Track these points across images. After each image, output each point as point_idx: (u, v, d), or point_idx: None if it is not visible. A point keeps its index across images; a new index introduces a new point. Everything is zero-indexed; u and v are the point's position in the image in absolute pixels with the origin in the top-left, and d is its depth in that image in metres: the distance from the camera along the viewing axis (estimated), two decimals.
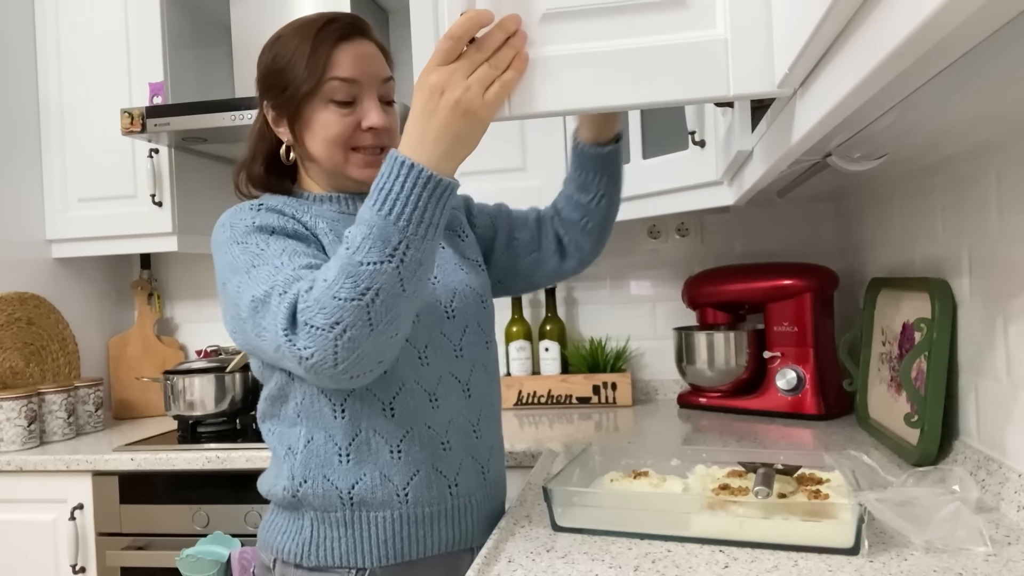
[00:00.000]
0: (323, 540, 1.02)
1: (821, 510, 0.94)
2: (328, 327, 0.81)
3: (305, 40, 1.03)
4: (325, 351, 0.82)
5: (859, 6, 0.55)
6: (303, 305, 0.83)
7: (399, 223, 0.82)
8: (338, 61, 1.03)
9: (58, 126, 2.17)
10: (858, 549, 0.90)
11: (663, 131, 1.68)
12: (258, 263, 0.93)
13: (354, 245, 0.82)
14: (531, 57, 0.82)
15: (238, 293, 0.93)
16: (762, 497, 0.96)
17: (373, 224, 0.82)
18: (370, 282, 0.81)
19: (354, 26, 1.06)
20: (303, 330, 0.82)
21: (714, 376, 1.91)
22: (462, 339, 1.10)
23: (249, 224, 0.98)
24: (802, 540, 0.92)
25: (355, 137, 1.05)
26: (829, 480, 1.06)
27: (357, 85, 1.04)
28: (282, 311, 0.85)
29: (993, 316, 1.09)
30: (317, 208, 1.09)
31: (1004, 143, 1.03)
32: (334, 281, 0.81)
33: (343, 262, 0.82)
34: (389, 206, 0.82)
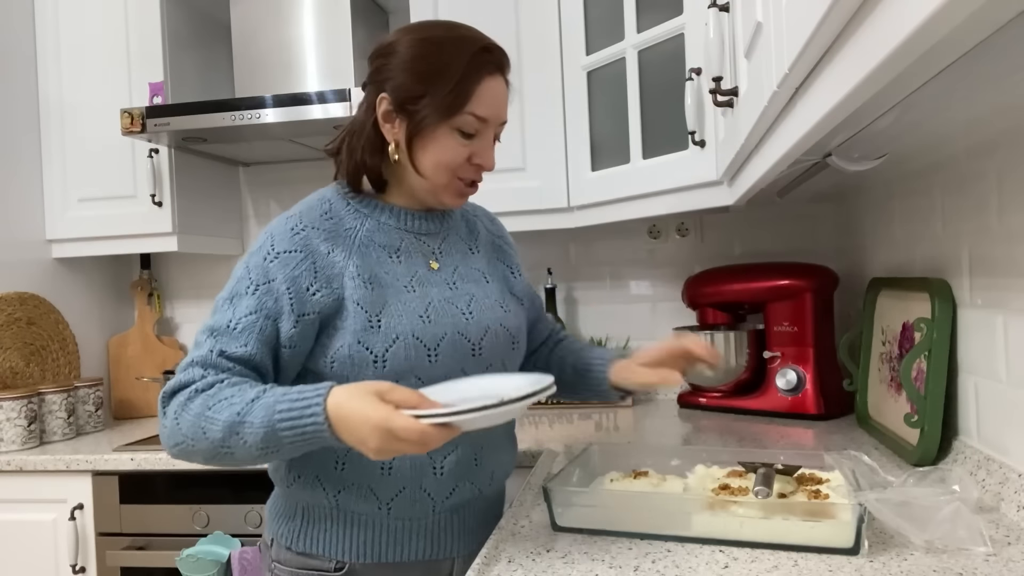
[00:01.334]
0: (310, 529, 1.07)
1: (821, 510, 0.94)
2: (169, 442, 0.97)
3: (459, 58, 1.02)
4: (164, 441, 0.97)
5: (859, 6, 0.55)
6: (178, 401, 0.95)
7: (279, 449, 0.91)
8: (481, 97, 1.03)
9: (58, 126, 2.17)
10: (858, 549, 0.90)
11: (663, 131, 1.68)
12: (234, 302, 1.01)
13: (217, 427, 0.91)
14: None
15: (214, 303, 1.04)
16: (762, 497, 0.97)
17: (254, 422, 0.90)
18: (207, 446, 0.94)
19: (505, 63, 1.08)
20: (169, 416, 0.96)
21: (714, 376, 1.91)
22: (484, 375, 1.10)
23: (268, 258, 1.02)
24: (802, 540, 0.92)
25: (463, 168, 1.07)
26: (829, 480, 1.06)
27: (486, 124, 1.06)
28: (176, 380, 0.97)
29: (993, 316, 1.09)
30: (376, 221, 1.09)
31: (1004, 143, 1.03)
32: (194, 422, 0.93)
33: (201, 419, 0.93)
34: (284, 431, 0.89)
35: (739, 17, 1.11)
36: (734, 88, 1.15)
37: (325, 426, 0.87)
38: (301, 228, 1.04)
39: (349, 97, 1.83)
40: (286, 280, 1.00)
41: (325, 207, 1.07)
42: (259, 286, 1.00)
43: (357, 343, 1.00)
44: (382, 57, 1.07)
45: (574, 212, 1.95)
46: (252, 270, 1.02)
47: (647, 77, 1.72)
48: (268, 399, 0.90)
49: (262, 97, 1.87)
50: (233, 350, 0.97)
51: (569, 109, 1.92)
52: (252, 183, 2.48)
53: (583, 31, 1.88)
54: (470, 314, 1.09)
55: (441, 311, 1.06)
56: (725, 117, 1.36)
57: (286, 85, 2.08)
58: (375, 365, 1.01)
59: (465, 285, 1.12)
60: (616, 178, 1.80)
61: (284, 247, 1.02)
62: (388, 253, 1.07)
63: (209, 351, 0.98)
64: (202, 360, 0.97)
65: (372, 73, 1.08)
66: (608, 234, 2.27)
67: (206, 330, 1.00)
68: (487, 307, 1.12)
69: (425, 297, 1.06)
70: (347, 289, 1.02)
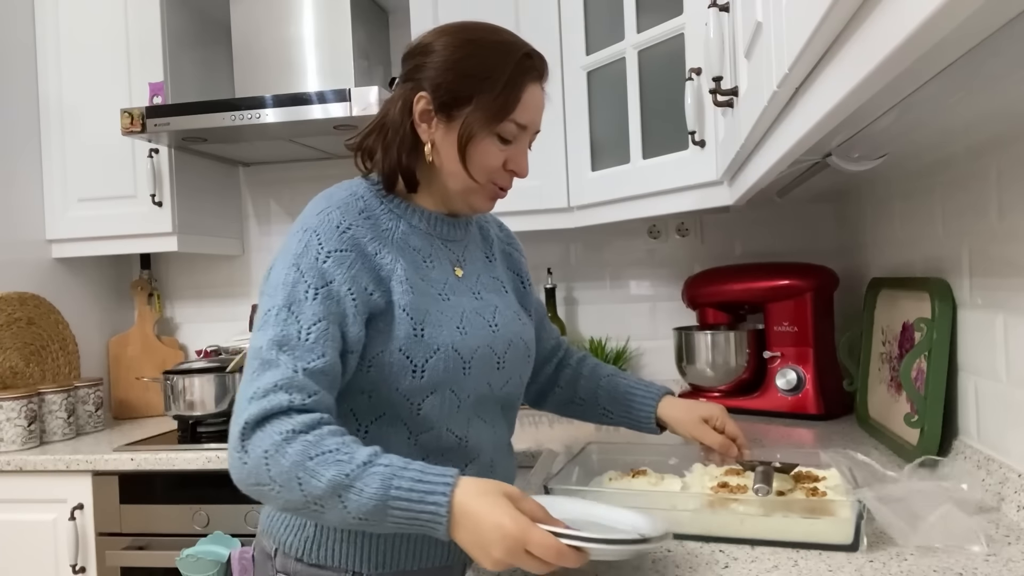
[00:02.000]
0: (324, 540, 1.02)
1: (820, 507, 0.95)
2: (247, 479, 0.87)
3: (504, 64, 1.01)
4: (241, 477, 0.88)
5: (859, 6, 0.55)
6: (271, 439, 0.85)
7: (378, 523, 0.84)
8: (525, 104, 1.02)
9: (58, 126, 2.17)
10: (857, 545, 0.91)
11: (663, 131, 1.68)
12: (293, 310, 0.92)
13: (320, 483, 0.83)
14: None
15: (264, 316, 0.94)
16: (762, 495, 0.97)
17: (364, 491, 0.83)
18: (305, 498, 0.85)
19: (545, 71, 1.07)
20: (255, 451, 0.86)
21: (714, 376, 1.91)
22: (503, 388, 1.10)
23: (321, 257, 0.95)
24: (802, 537, 0.93)
25: (498, 173, 1.05)
26: (826, 478, 1.07)
27: (524, 131, 1.05)
28: (262, 406, 0.87)
29: (993, 316, 1.09)
30: (408, 223, 1.05)
31: (1004, 143, 1.03)
32: (291, 470, 0.84)
33: (300, 469, 0.84)
34: (395, 510, 0.83)
35: (739, 17, 1.11)
36: (734, 88, 1.15)
37: (444, 520, 0.82)
38: (347, 226, 0.98)
39: (349, 97, 1.83)
40: (346, 281, 0.95)
41: (360, 204, 1.02)
42: (318, 289, 0.93)
43: (399, 351, 0.97)
44: (420, 55, 1.04)
45: (574, 212, 1.95)
46: (306, 273, 0.94)
47: (647, 77, 1.72)
48: (382, 469, 0.84)
49: (262, 97, 1.87)
50: (311, 364, 0.90)
51: (569, 109, 1.92)
52: (252, 183, 2.48)
53: (583, 31, 1.88)
54: (496, 326, 1.08)
55: (473, 322, 1.05)
56: (725, 117, 1.36)
57: (286, 85, 2.08)
58: (413, 375, 0.98)
59: (488, 295, 1.11)
60: (616, 178, 1.80)
61: (334, 246, 0.96)
62: (422, 258, 1.04)
63: (291, 371, 0.89)
64: (286, 383, 0.88)
65: (410, 71, 1.04)
66: (608, 234, 2.27)
67: (272, 345, 0.90)
68: (509, 319, 1.11)
69: (458, 307, 1.05)
70: (395, 293, 0.99)
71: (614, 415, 1.29)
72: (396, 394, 0.98)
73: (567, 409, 1.35)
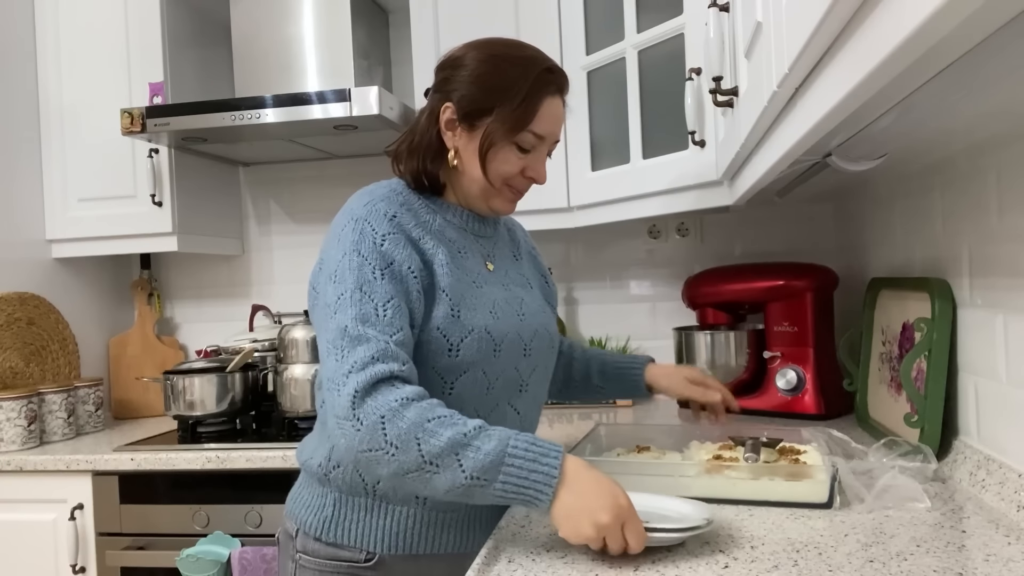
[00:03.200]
0: (343, 520, 1.08)
1: (801, 472, 1.12)
2: (360, 445, 0.91)
3: (525, 78, 1.08)
4: (354, 444, 0.92)
5: (859, 6, 0.55)
6: (388, 405, 0.91)
7: (487, 484, 0.89)
8: (542, 116, 1.09)
9: (58, 126, 2.17)
10: (831, 504, 1.07)
11: (663, 131, 1.68)
12: (365, 290, 0.98)
13: (440, 440, 0.89)
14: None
15: (336, 301, 0.99)
16: (751, 462, 1.15)
17: (482, 447, 0.89)
18: (420, 464, 0.90)
19: (565, 85, 1.14)
20: (369, 417, 0.91)
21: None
22: (531, 376, 1.16)
23: (378, 241, 1.02)
24: (784, 497, 1.09)
25: (516, 179, 1.12)
26: (806, 451, 1.23)
27: (543, 141, 1.12)
28: (367, 375, 0.92)
29: (993, 316, 1.09)
30: (443, 217, 1.13)
31: (1004, 143, 1.03)
32: (409, 430, 0.90)
33: (419, 429, 0.90)
34: (510, 466, 0.89)
35: (739, 17, 1.11)
36: (734, 88, 1.15)
37: (556, 478, 0.88)
38: (393, 214, 1.05)
39: (349, 97, 1.83)
40: (405, 260, 1.02)
41: (400, 198, 1.09)
42: (383, 270, 1.00)
43: (436, 330, 1.03)
44: (450, 68, 1.11)
45: (574, 212, 1.95)
46: (368, 256, 1.00)
47: (647, 77, 1.72)
48: (498, 432, 0.91)
49: (262, 97, 1.87)
50: (395, 336, 0.96)
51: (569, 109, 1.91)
52: (252, 183, 2.48)
53: (583, 31, 1.88)
54: (523, 315, 1.15)
55: (504, 309, 1.12)
56: (725, 117, 1.36)
57: (286, 85, 2.08)
58: (449, 354, 1.04)
59: (515, 288, 1.19)
60: (616, 178, 1.80)
61: (386, 230, 1.03)
62: (457, 248, 1.12)
63: (383, 343, 0.95)
64: (381, 353, 0.94)
65: (439, 83, 1.12)
66: (608, 234, 2.27)
67: (356, 322, 0.96)
68: (534, 310, 1.18)
69: (491, 294, 1.12)
70: (437, 275, 1.06)
71: (607, 390, 1.45)
72: (432, 372, 1.04)
73: (566, 391, 1.48)
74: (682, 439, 1.37)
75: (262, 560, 1.63)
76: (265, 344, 2.13)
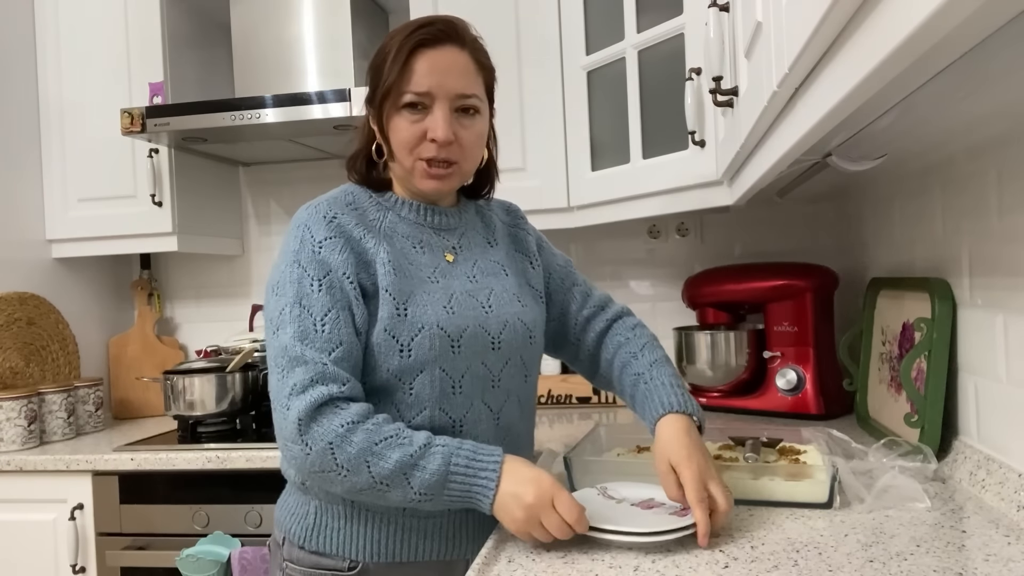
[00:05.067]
0: (324, 528, 1.07)
1: (801, 471, 1.11)
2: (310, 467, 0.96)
3: (394, 43, 1.06)
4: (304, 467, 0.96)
5: (859, 6, 0.55)
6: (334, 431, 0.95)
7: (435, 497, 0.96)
8: (417, 71, 1.04)
9: (58, 126, 2.17)
10: (831, 503, 1.06)
11: (663, 131, 1.68)
12: (304, 304, 0.99)
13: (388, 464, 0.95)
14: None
15: (278, 316, 1.00)
16: (752, 462, 1.15)
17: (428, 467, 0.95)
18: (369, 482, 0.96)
19: (444, 33, 1.05)
20: (317, 443, 0.95)
21: (714, 376, 1.91)
22: (502, 371, 1.11)
23: (316, 248, 1.02)
24: (785, 497, 1.08)
25: (422, 147, 1.06)
26: (806, 451, 1.23)
27: (429, 96, 1.04)
28: (307, 401, 0.95)
29: (993, 316, 1.09)
30: (396, 214, 1.11)
31: (1004, 143, 1.03)
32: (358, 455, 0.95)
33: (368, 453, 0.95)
34: (447, 493, 0.97)
35: (739, 17, 1.11)
36: (734, 88, 1.15)
37: (493, 489, 0.95)
38: (332, 216, 1.05)
39: (349, 97, 1.83)
40: (341, 266, 1.02)
41: (348, 198, 1.09)
42: (321, 281, 1.00)
43: (384, 331, 1.02)
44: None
45: (574, 212, 1.95)
46: (307, 266, 1.01)
47: (647, 77, 1.72)
48: (441, 448, 0.96)
49: (262, 97, 1.87)
50: (334, 353, 0.98)
51: (569, 109, 1.92)
52: (252, 183, 2.48)
53: (583, 31, 1.88)
54: (489, 307, 1.10)
55: (463, 303, 1.08)
56: (725, 117, 1.36)
57: (286, 85, 2.08)
58: (400, 354, 1.02)
59: (485, 279, 1.14)
60: (616, 178, 1.80)
61: (324, 235, 1.03)
62: (411, 244, 1.10)
63: (321, 363, 0.97)
64: (319, 375, 0.96)
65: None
66: (608, 234, 2.27)
67: (295, 341, 0.98)
68: (505, 301, 1.13)
69: (448, 289, 1.08)
70: (379, 276, 1.04)
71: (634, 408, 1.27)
72: (388, 375, 1.03)
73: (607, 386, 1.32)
74: None
75: (262, 560, 1.63)
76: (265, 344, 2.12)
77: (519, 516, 0.94)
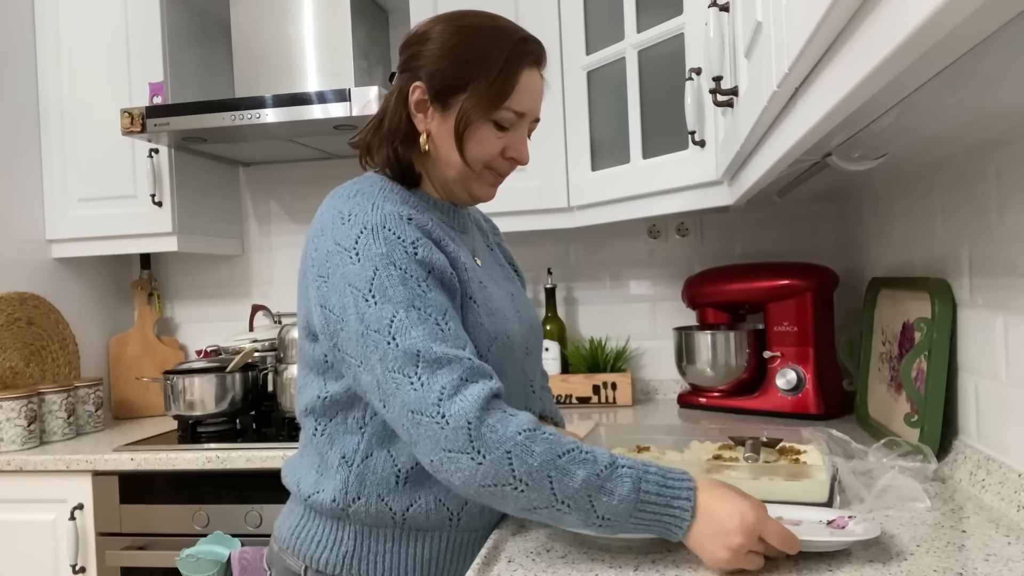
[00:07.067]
0: (367, 554, 0.99)
1: (801, 471, 1.11)
2: (483, 480, 0.83)
3: (500, 49, 0.98)
4: (476, 479, 0.83)
5: (859, 6, 0.55)
6: (512, 438, 0.83)
7: (617, 525, 0.85)
8: (521, 90, 1.00)
9: (58, 126, 2.17)
10: (831, 503, 1.05)
11: (663, 131, 1.68)
12: (419, 306, 0.88)
13: (574, 482, 0.83)
14: None
15: (390, 324, 0.87)
16: (751, 462, 1.14)
17: (616, 492, 0.84)
18: (551, 502, 0.84)
19: (542, 56, 1.03)
20: (492, 452, 0.83)
21: (714, 376, 1.91)
22: (534, 375, 1.12)
23: (409, 249, 0.91)
24: (785, 497, 1.06)
25: (497, 161, 1.03)
26: (806, 451, 1.22)
27: (523, 118, 1.02)
28: (469, 401, 0.84)
29: (993, 316, 1.09)
30: (430, 215, 1.02)
31: (1004, 142, 1.03)
32: (541, 468, 0.83)
33: (551, 467, 0.83)
34: (633, 522, 0.85)
35: (739, 17, 1.11)
36: (734, 88, 1.15)
37: (688, 520, 0.84)
38: (408, 215, 0.94)
39: (349, 97, 1.83)
40: (442, 266, 0.94)
41: (395, 196, 0.99)
42: (426, 280, 0.91)
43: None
44: (416, 44, 1.01)
45: (574, 212, 1.95)
46: (406, 267, 0.90)
47: (647, 77, 1.72)
48: (629, 470, 0.85)
49: (262, 97, 1.87)
50: (471, 348, 0.90)
51: (569, 109, 1.92)
52: (252, 183, 2.48)
53: (583, 31, 1.88)
54: (518, 312, 1.09)
55: (507, 308, 1.05)
56: (725, 117, 1.36)
57: (286, 85, 2.08)
58: None
59: (504, 283, 1.12)
60: (616, 178, 1.80)
61: (411, 235, 0.92)
62: (455, 247, 1.02)
63: (466, 359, 0.87)
64: (468, 372, 0.86)
65: (405, 61, 1.02)
66: (608, 234, 2.27)
67: (427, 343, 0.86)
68: (524, 304, 1.13)
69: (493, 294, 1.04)
70: (461, 280, 0.98)
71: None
72: None
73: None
74: (682, 439, 1.36)
75: (262, 560, 1.63)
76: (265, 344, 2.13)
77: (723, 556, 0.83)
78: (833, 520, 0.96)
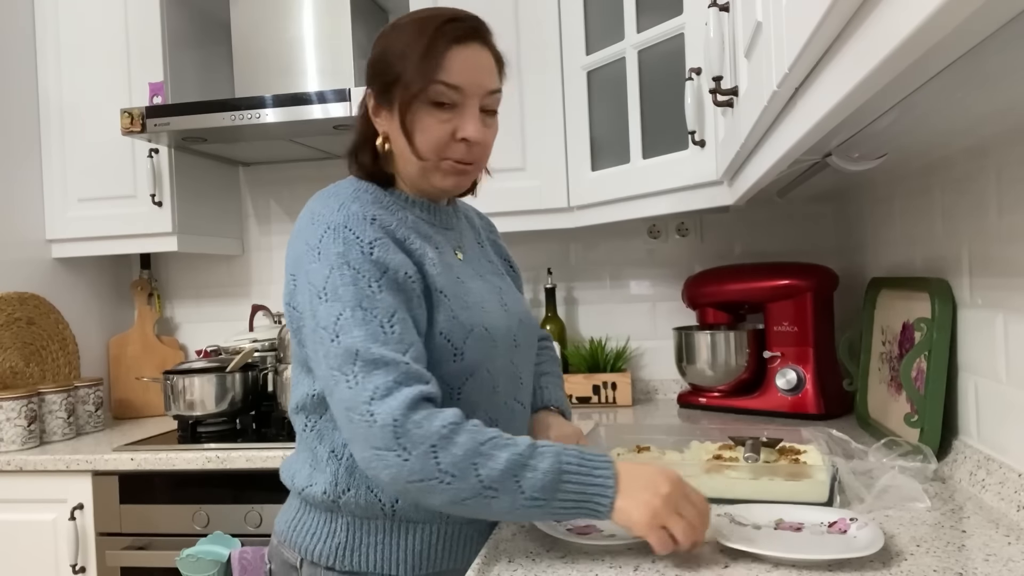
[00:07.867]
0: (359, 545, 1.01)
1: (801, 471, 1.12)
2: (409, 476, 0.86)
3: (421, 35, 1.00)
4: (403, 475, 0.86)
5: (859, 6, 0.55)
6: (437, 432, 0.86)
7: (545, 503, 0.87)
8: (451, 64, 0.99)
9: (58, 126, 2.17)
10: (831, 503, 1.06)
11: (663, 131, 1.68)
12: (366, 306, 0.91)
13: (498, 464, 0.86)
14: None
15: (336, 322, 0.91)
16: (751, 462, 1.15)
17: (539, 467, 0.86)
18: (474, 491, 0.86)
19: (475, 30, 1.02)
20: (417, 447, 0.85)
21: (714, 376, 1.91)
22: (523, 368, 1.12)
23: (366, 249, 0.94)
24: (785, 497, 1.07)
25: (449, 146, 1.02)
26: (806, 451, 1.23)
27: (461, 92, 1.00)
28: (397, 402, 0.86)
29: (993, 316, 1.09)
30: (405, 214, 1.04)
31: (1004, 143, 1.03)
32: (465, 458, 0.86)
33: (475, 455, 0.86)
34: (567, 483, 0.87)
35: (739, 17, 1.11)
36: (734, 88, 1.15)
37: (612, 487, 0.87)
38: (372, 216, 0.97)
39: (349, 97, 1.83)
40: (401, 266, 0.95)
41: (367, 196, 1.02)
42: (379, 281, 0.92)
43: (440, 335, 0.98)
44: (368, 61, 1.08)
45: (574, 212, 1.95)
46: (360, 268, 0.92)
47: (647, 77, 1.72)
48: (549, 447, 0.88)
49: (262, 97, 1.87)
50: (407, 353, 0.90)
51: (569, 109, 1.92)
52: (252, 183, 2.48)
53: (583, 31, 1.88)
54: (505, 305, 1.10)
55: (490, 301, 1.07)
56: (725, 117, 1.36)
57: (286, 85, 2.08)
58: (455, 359, 0.99)
59: (491, 278, 1.13)
60: (616, 178, 1.80)
61: (371, 236, 0.95)
62: (433, 244, 1.04)
63: (403, 363, 0.89)
64: (403, 376, 0.88)
65: (366, 77, 1.09)
66: (608, 234, 2.27)
67: (366, 344, 0.89)
68: (514, 298, 1.14)
69: (474, 287, 1.06)
70: (429, 276, 0.99)
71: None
72: (439, 380, 0.96)
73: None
74: (682, 439, 1.37)
75: (262, 560, 1.63)
76: (265, 344, 2.13)
77: (657, 505, 0.85)
78: (835, 522, 0.97)
